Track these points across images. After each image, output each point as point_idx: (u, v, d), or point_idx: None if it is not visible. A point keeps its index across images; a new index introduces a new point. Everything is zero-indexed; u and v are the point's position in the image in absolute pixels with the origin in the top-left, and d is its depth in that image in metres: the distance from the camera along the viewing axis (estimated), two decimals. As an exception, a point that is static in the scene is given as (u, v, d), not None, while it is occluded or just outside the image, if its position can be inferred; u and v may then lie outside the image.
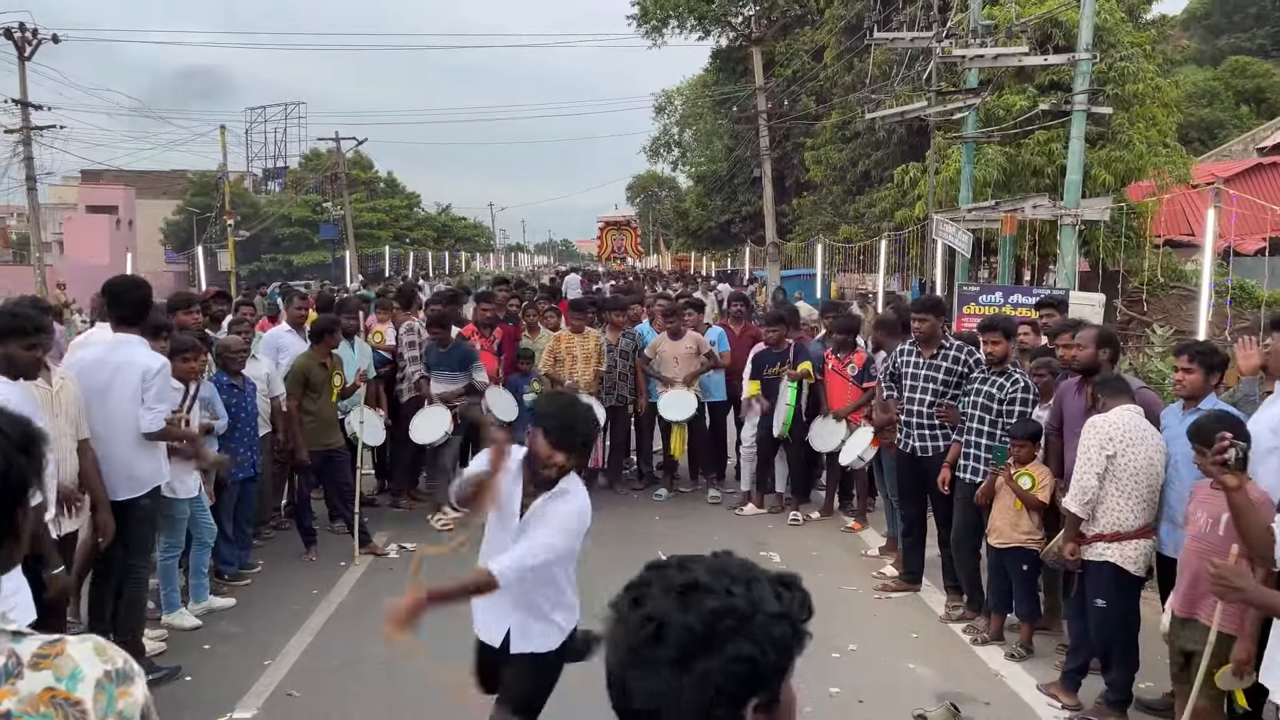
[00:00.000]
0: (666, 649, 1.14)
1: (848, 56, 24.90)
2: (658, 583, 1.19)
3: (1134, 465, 4.66)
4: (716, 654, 1.13)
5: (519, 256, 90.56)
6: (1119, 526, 4.71)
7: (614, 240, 39.32)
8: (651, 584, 1.19)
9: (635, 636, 1.15)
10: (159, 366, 4.96)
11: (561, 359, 8.94)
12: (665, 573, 1.21)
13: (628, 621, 1.17)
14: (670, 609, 1.15)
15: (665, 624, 1.15)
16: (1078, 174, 12.34)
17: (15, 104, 25.02)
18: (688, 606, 1.15)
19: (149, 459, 5.03)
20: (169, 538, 5.81)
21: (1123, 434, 4.67)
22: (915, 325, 6.55)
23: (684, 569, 1.21)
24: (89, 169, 48.70)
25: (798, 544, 7.84)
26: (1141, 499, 4.69)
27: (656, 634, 1.14)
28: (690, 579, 1.18)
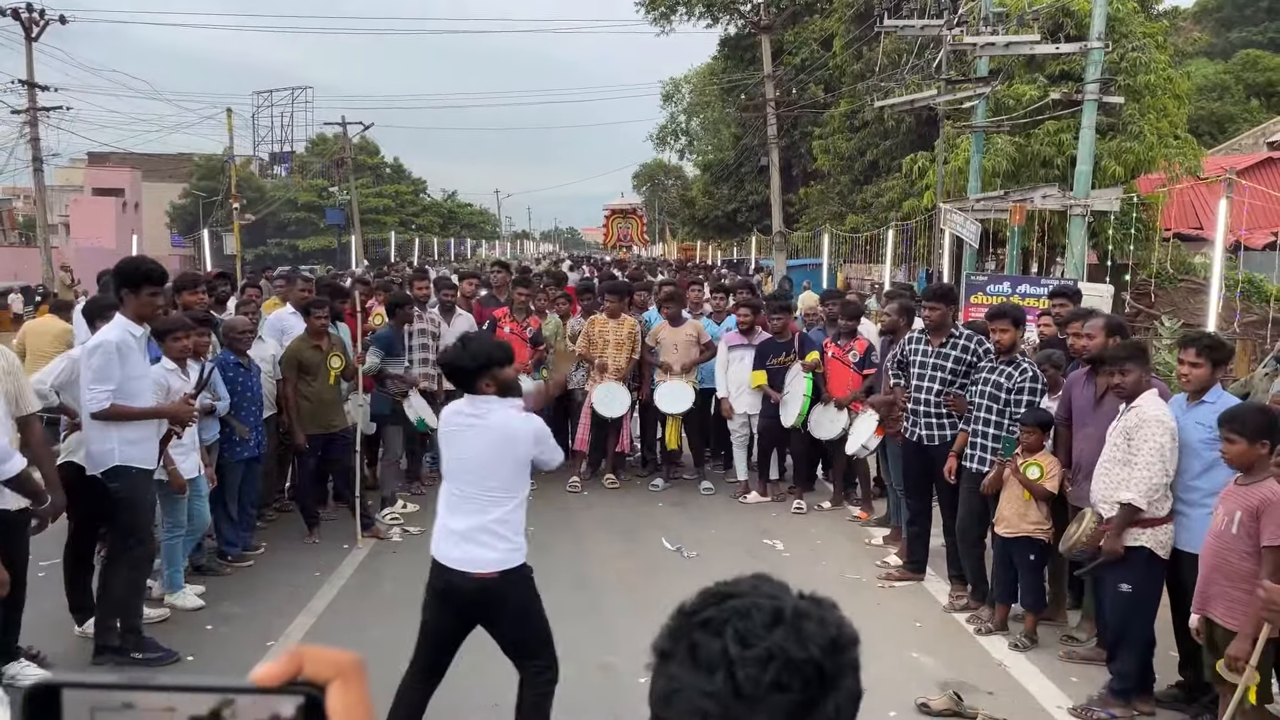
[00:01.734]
0: (792, 695, 0.94)
1: (857, 45, 24.76)
2: (741, 615, 0.99)
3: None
4: (836, 693, 0.97)
5: (524, 244, 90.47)
6: (1155, 513, 4.69)
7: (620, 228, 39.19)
8: (729, 619, 0.99)
9: (756, 684, 0.94)
10: (94, 345, 4.83)
11: (595, 342, 8.92)
12: (740, 604, 1.00)
13: (736, 666, 0.95)
14: (789, 645, 0.96)
15: (792, 663, 0.95)
16: (1088, 164, 12.26)
17: (22, 85, 24.99)
18: (804, 640, 0.96)
19: (100, 439, 4.88)
20: (170, 517, 5.78)
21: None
22: (926, 313, 6.51)
23: (760, 593, 1.03)
24: (96, 151, 48.72)
25: (802, 533, 7.82)
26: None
27: (780, 676, 0.94)
28: (783, 605, 1.00)
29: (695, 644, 0.98)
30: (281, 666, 0.67)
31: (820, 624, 0.99)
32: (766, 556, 7.16)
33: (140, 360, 4.93)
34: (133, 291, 4.84)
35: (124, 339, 4.82)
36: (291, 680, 0.65)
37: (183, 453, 5.73)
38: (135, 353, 4.89)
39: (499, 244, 76.81)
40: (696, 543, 7.41)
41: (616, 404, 8.81)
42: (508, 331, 8.98)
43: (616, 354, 8.89)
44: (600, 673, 5.17)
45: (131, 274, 4.86)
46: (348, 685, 0.68)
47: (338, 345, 7.54)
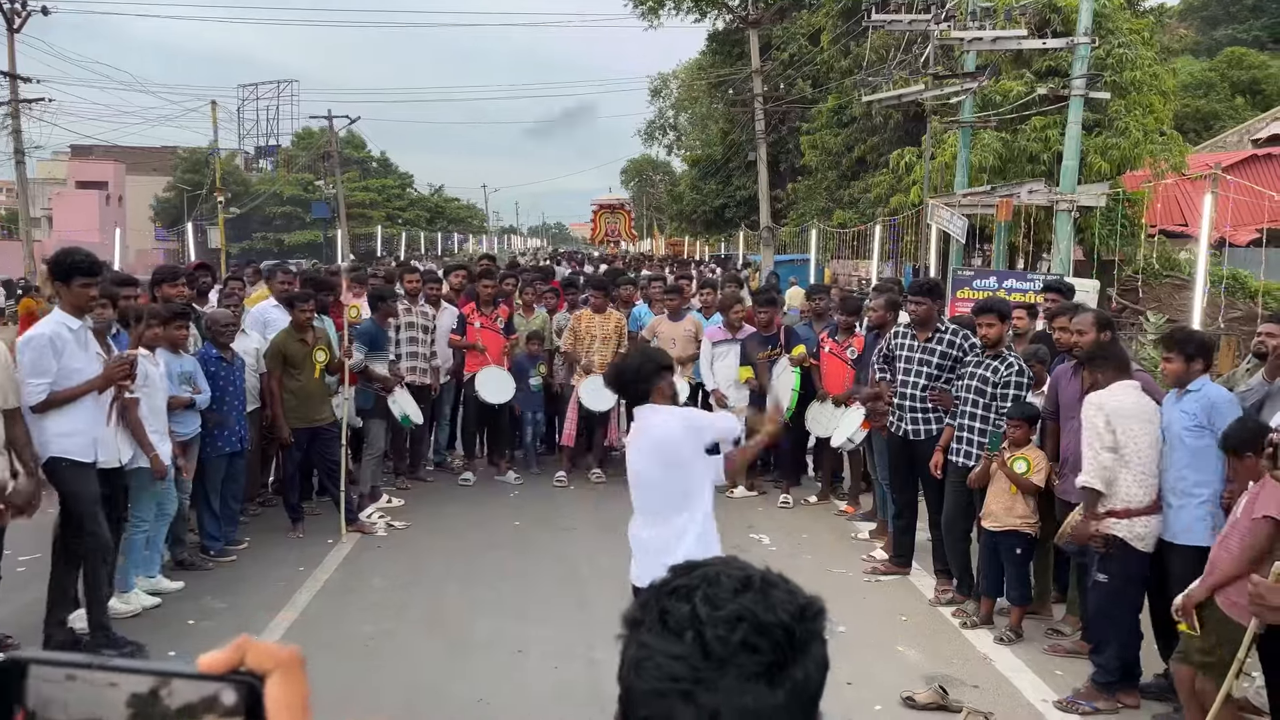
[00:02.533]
0: (761, 656, 0.95)
1: (844, 40, 24.76)
2: (709, 582, 1.00)
3: (1139, 442, 4.69)
4: (805, 658, 0.97)
5: (511, 239, 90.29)
6: (1129, 503, 4.72)
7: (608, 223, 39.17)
8: (698, 585, 0.99)
9: (724, 644, 0.95)
10: (26, 339, 4.80)
11: (581, 337, 8.88)
12: (708, 571, 1.01)
13: (705, 626, 0.96)
14: (757, 608, 0.97)
15: (760, 625, 0.96)
16: (1074, 159, 12.28)
17: (3, 76, 24.75)
18: (772, 605, 0.98)
19: (37, 432, 4.81)
20: (136, 511, 5.69)
21: (1126, 410, 4.71)
22: (911, 308, 6.51)
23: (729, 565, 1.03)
24: (79, 144, 48.32)
25: (788, 526, 7.82)
26: (1148, 474, 4.71)
27: (749, 637, 0.96)
28: (751, 573, 1.01)
29: (665, 610, 0.99)
30: (225, 655, 0.68)
31: (788, 593, 1.00)
32: (752, 550, 7.15)
33: (77, 352, 4.85)
34: (65, 284, 4.80)
35: (57, 332, 4.77)
36: (234, 669, 0.67)
37: (159, 438, 5.66)
38: (71, 344, 4.81)
39: (486, 238, 76.56)
40: (683, 537, 7.39)
41: (603, 398, 8.78)
42: (477, 326, 8.94)
43: (603, 348, 8.86)
44: (587, 666, 5.15)
45: (63, 266, 4.80)
46: (288, 679, 0.69)
47: (323, 339, 7.48)
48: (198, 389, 6.27)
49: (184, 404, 6.14)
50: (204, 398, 6.34)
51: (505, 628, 5.55)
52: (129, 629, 5.46)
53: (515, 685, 4.91)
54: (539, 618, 5.80)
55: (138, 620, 5.60)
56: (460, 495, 8.60)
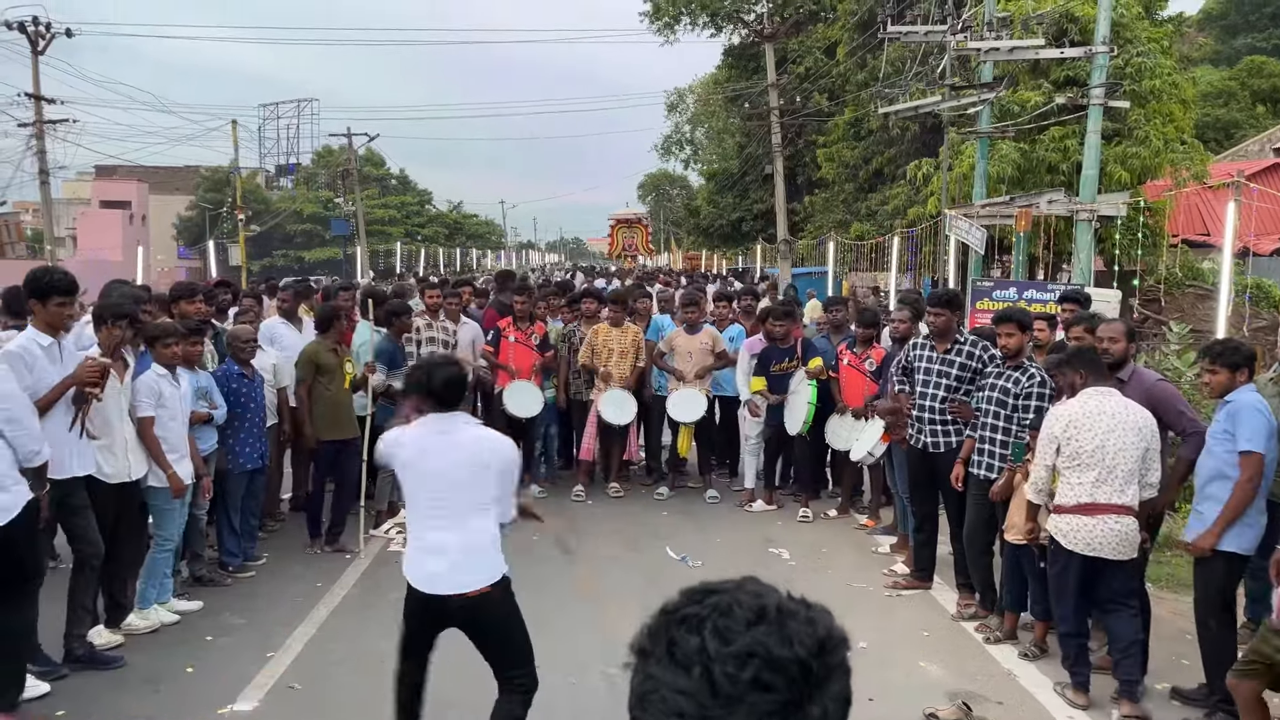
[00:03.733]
0: (776, 695, 0.89)
1: (861, 53, 24.74)
2: (721, 612, 0.94)
3: (1084, 448, 4.76)
4: (823, 694, 0.91)
5: (530, 254, 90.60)
6: (1060, 500, 4.89)
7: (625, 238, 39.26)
8: (709, 615, 0.94)
9: (734, 682, 0.89)
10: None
11: (599, 351, 8.86)
12: (721, 600, 0.95)
13: (714, 663, 0.90)
14: (770, 642, 0.91)
15: (774, 661, 0.90)
16: (1094, 169, 12.19)
17: (28, 98, 25.10)
18: (788, 638, 0.92)
19: None
20: (159, 530, 5.70)
21: (1073, 420, 4.81)
22: (930, 319, 6.46)
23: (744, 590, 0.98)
24: (103, 164, 48.90)
25: (808, 541, 7.75)
26: (1094, 479, 4.75)
27: (761, 674, 0.89)
28: (767, 603, 0.95)
29: (673, 641, 0.93)
30: None
31: (807, 623, 0.95)
32: (772, 565, 7.09)
33: (47, 367, 4.82)
34: (41, 302, 4.83)
35: (26, 347, 4.77)
36: None
37: (177, 458, 5.68)
38: (41, 360, 4.80)
39: (504, 254, 76.87)
40: (701, 552, 7.35)
41: (623, 412, 8.76)
42: (512, 340, 8.96)
43: (620, 362, 8.84)
44: (603, 683, 5.11)
45: (41, 285, 4.83)
46: None
47: (348, 353, 7.54)
48: (214, 404, 6.29)
49: (202, 419, 6.16)
50: (220, 413, 6.36)
51: (523, 643, 5.51)
52: (148, 645, 5.47)
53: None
54: (555, 632, 5.76)
55: (156, 636, 5.61)
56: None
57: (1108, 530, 4.73)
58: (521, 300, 9.22)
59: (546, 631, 5.76)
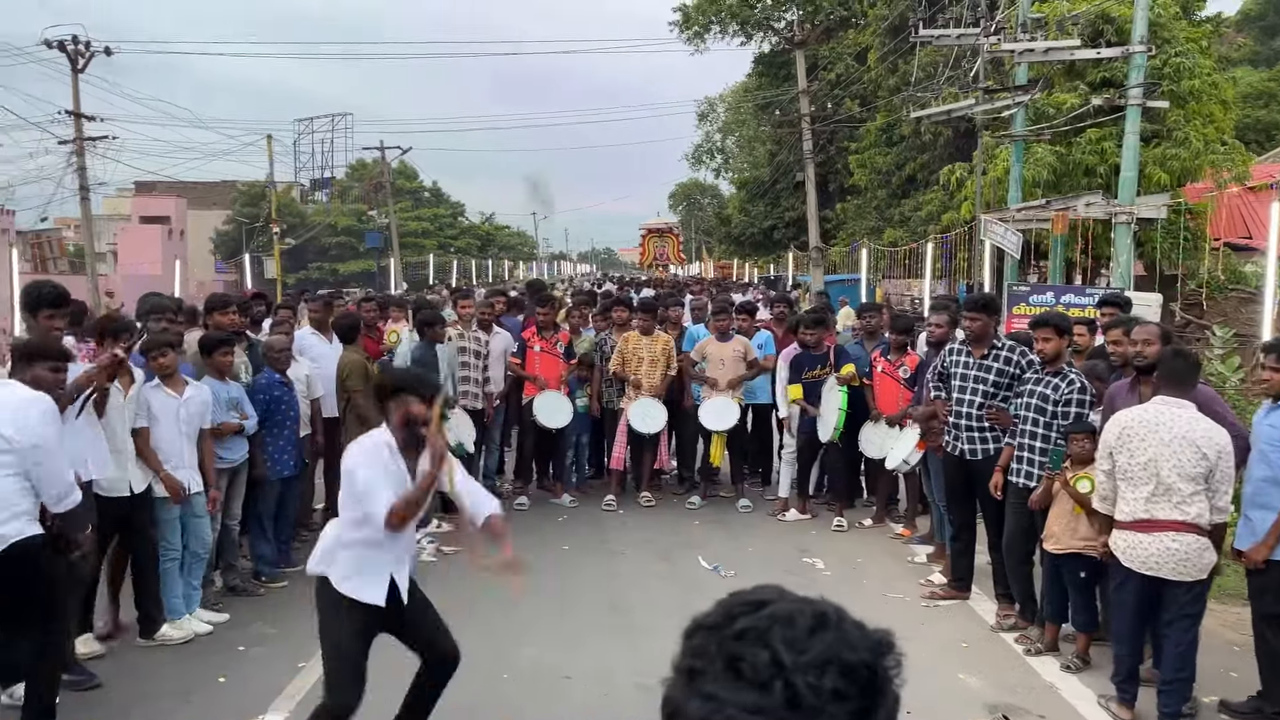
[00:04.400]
0: (849, 702, 0.87)
1: (892, 58, 24.59)
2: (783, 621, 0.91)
3: (1135, 461, 4.62)
4: (885, 700, 0.90)
5: (561, 264, 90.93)
6: (1118, 515, 4.73)
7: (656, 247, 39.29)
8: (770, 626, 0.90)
9: (817, 693, 0.86)
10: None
11: (629, 360, 8.82)
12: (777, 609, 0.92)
13: (795, 674, 0.87)
14: (840, 648, 0.88)
15: (847, 667, 0.88)
16: (1133, 170, 11.97)
17: (68, 115, 25.59)
18: (852, 643, 0.90)
19: None
20: (162, 539, 5.68)
21: (1126, 428, 4.67)
22: (966, 324, 6.35)
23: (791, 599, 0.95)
24: (142, 180, 49.74)
25: (842, 551, 7.64)
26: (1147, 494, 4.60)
27: (838, 684, 0.87)
28: (822, 608, 0.93)
29: (735, 656, 0.89)
30: None
31: (859, 626, 0.92)
32: (806, 575, 7.00)
33: None
34: (33, 315, 4.93)
35: None
36: None
37: (171, 468, 5.64)
38: None
39: (536, 265, 77.21)
40: (734, 562, 7.26)
41: (653, 420, 8.70)
42: (537, 350, 8.93)
43: (651, 371, 8.79)
44: (635, 693, 5.05)
45: (33, 298, 4.92)
46: None
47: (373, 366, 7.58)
48: (244, 415, 6.32)
49: (233, 430, 6.19)
50: (251, 424, 6.38)
51: (553, 654, 5.47)
52: (181, 655, 5.49)
53: (562, 713, 4.82)
54: (587, 644, 5.72)
55: (189, 647, 5.62)
56: (509, 520, 8.52)
57: (1164, 549, 4.52)
58: (545, 311, 9.20)
59: (576, 643, 5.72)
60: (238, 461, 6.34)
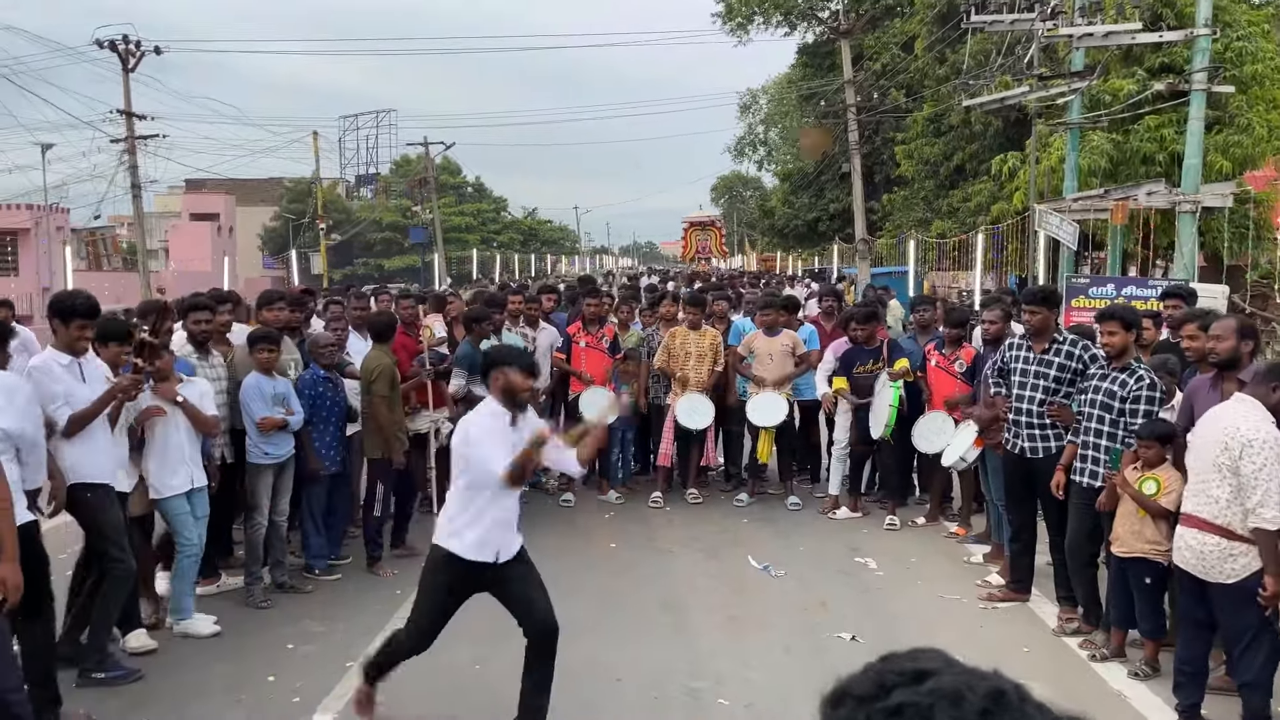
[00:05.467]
0: None
1: (940, 47, 24.15)
2: (951, 700, 0.79)
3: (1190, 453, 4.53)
4: None
5: (603, 259, 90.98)
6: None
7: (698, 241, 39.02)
8: (932, 705, 0.79)
9: None
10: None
11: (676, 355, 8.71)
12: (941, 684, 0.81)
13: None
14: None
15: None
16: (1197, 158, 11.58)
17: (120, 114, 26.00)
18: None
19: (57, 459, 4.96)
20: (177, 535, 5.65)
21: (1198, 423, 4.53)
22: (1026, 318, 6.15)
23: (957, 670, 0.83)
24: (193, 178, 50.59)
25: (895, 550, 7.46)
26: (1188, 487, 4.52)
27: None
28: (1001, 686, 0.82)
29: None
30: None
31: (1042, 710, 0.79)
32: (859, 575, 6.84)
33: (71, 383, 4.94)
34: (64, 324, 4.94)
35: (47, 364, 4.91)
36: None
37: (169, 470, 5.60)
38: (64, 376, 4.92)
39: (579, 259, 77.36)
40: (784, 561, 7.12)
41: (700, 416, 8.57)
42: (583, 345, 8.85)
43: (698, 366, 8.65)
44: (686, 695, 4.94)
45: (65, 308, 4.95)
46: None
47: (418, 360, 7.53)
48: (290, 410, 6.30)
49: (278, 425, 6.17)
50: (296, 419, 6.36)
51: (603, 654, 5.38)
52: (231, 653, 5.48)
53: (613, 715, 4.73)
54: (637, 644, 5.62)
55: (238, 644, 5.62)
56: (556, 516, 8.48)
57: (1184, 544, 4.48)
58: (594, 304, 9.10)
59: (626, 644, 5.62)
60: (284, 457, 6.33)
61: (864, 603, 6.32)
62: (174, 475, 5.61)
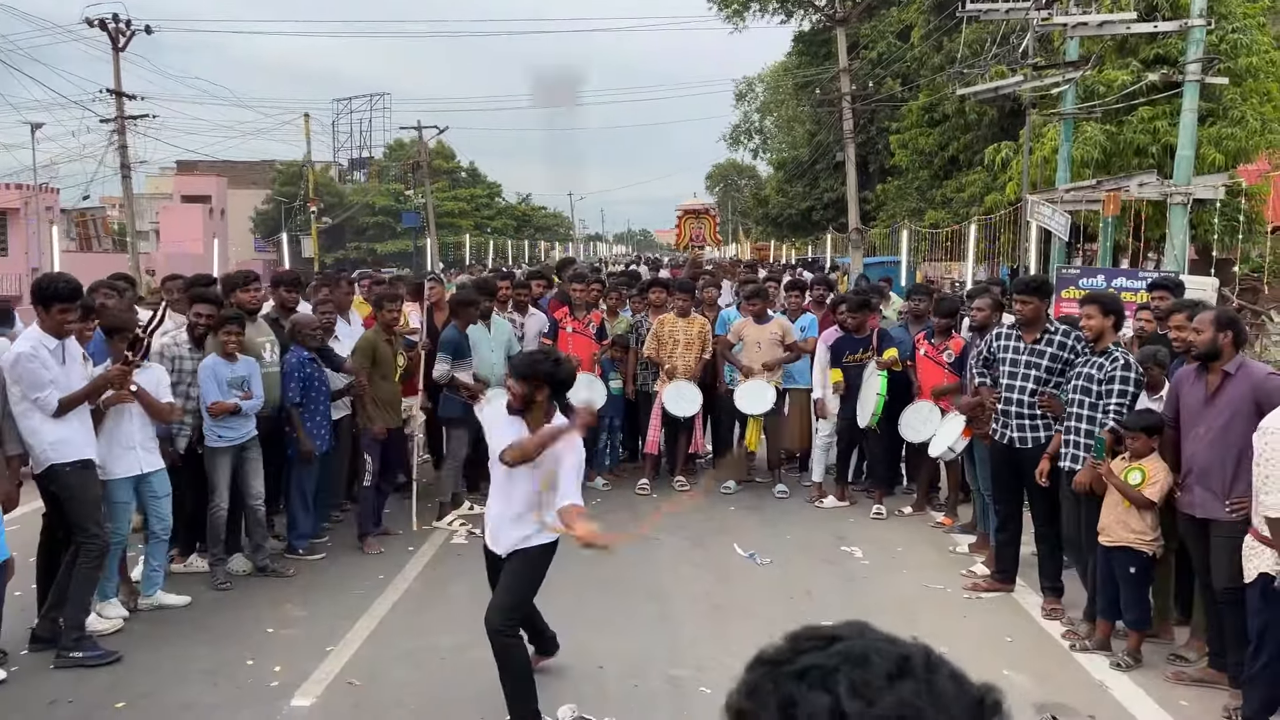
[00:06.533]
0: None
1: (936, 36, 24.06)
2: (855, 662, 0.75)
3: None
4: None
5: (597, 246, 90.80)
6: None
7: (693, 229, 38.84)
8: (838, 666, 0.76)
9: None
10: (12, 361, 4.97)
11: (664, 342, 8.65)
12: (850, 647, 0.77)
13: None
14: (921, 702, 0.74)
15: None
16: (1189, 149, 11.54)
17: (109, 94, 25.78)
18: (939, 697, 0.75)
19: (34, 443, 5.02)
20: (108, 522, 5.51)
21: None
22: (1018, 308, 6.10)
23: (869, 636, 0.79)
24: (184, 159, 50.24)
25: (882, 539, 7.45)
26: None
27: None
28: (907, 651, 0.77)
29: (791, 700, 0.74)
30: None
31: (954, 679, 0.74)
32: (844, 564, 6.82)
33: (55, 365, 5.01)
34: (45, 308, 4.99)
35: (35, 348, 4.95)
36: None
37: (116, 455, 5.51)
38: (49, 358, 4.98)
39: (572, 245, 77.17)
40: (770, 549, 7.10)
41: (688, 404, 8.53)
42: (569, 331, 8.79)
43: (686, 354, 8.61)
44: (667, 683, 4.92)
45: (46, 292, 4.98)
46: None
47: (400, 344, 7.45)
48: (248, 394, 6.19)
49: (227, 410, 6.08)
50: (252, 403, 6.23)
51: (585, 642, 5.35)
52: (208, 637, 5.44)
53: (594, 702, 4.70)
54: (620, 631, 5.60)
55: (218, 628, 5.58)
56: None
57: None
58: (580, 288, 9.04)
59: (608, 631, 5.60)
60: (240, 440, 6.22)
61: (849, 591, 6.30)
62: (120, 460, 5.53)
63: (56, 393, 4.94)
